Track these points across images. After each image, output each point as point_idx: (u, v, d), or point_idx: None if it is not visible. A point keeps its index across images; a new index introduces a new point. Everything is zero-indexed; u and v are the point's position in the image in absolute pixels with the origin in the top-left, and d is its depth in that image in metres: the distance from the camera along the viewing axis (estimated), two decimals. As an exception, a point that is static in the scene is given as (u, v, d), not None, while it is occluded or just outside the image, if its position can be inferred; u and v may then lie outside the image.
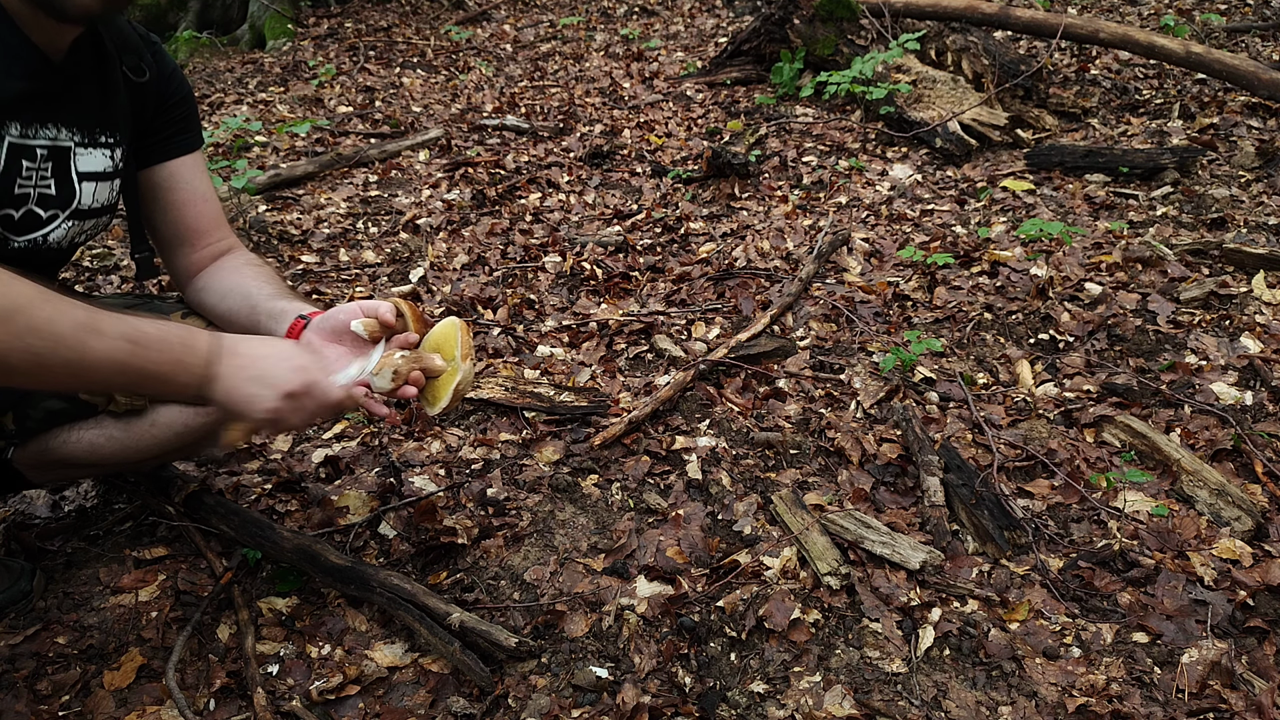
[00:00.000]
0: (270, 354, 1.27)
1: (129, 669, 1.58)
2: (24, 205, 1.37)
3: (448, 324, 1.42)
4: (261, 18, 7.69)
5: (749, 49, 5.25)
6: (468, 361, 1.39)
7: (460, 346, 1.39)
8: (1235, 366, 2.37)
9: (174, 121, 1.60)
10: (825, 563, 1.77)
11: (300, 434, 2.30)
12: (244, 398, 1.24)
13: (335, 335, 1.38)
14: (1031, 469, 2.10)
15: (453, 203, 3.77)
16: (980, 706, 1.51)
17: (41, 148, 1.36)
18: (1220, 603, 1.67)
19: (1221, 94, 4.28)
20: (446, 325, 1.42)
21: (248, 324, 1.51)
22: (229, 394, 1.24)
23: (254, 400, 1.24)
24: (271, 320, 1.46)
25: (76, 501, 2.01)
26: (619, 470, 2.14)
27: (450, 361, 1.39)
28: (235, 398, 1.24)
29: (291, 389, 1.25)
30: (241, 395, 1.24)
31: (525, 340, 2.74)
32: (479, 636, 1.58)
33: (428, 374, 1.39)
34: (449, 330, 1.42)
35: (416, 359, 1.37)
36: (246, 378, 1.24)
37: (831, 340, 2.67)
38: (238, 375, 1.24)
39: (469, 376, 1.39)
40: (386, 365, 1.34)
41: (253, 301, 1.52)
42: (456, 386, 1.37)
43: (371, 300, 1.39)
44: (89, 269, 3.26)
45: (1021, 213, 3.38)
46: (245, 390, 1.24)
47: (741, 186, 3.79)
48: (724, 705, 1.52)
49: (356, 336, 1.37)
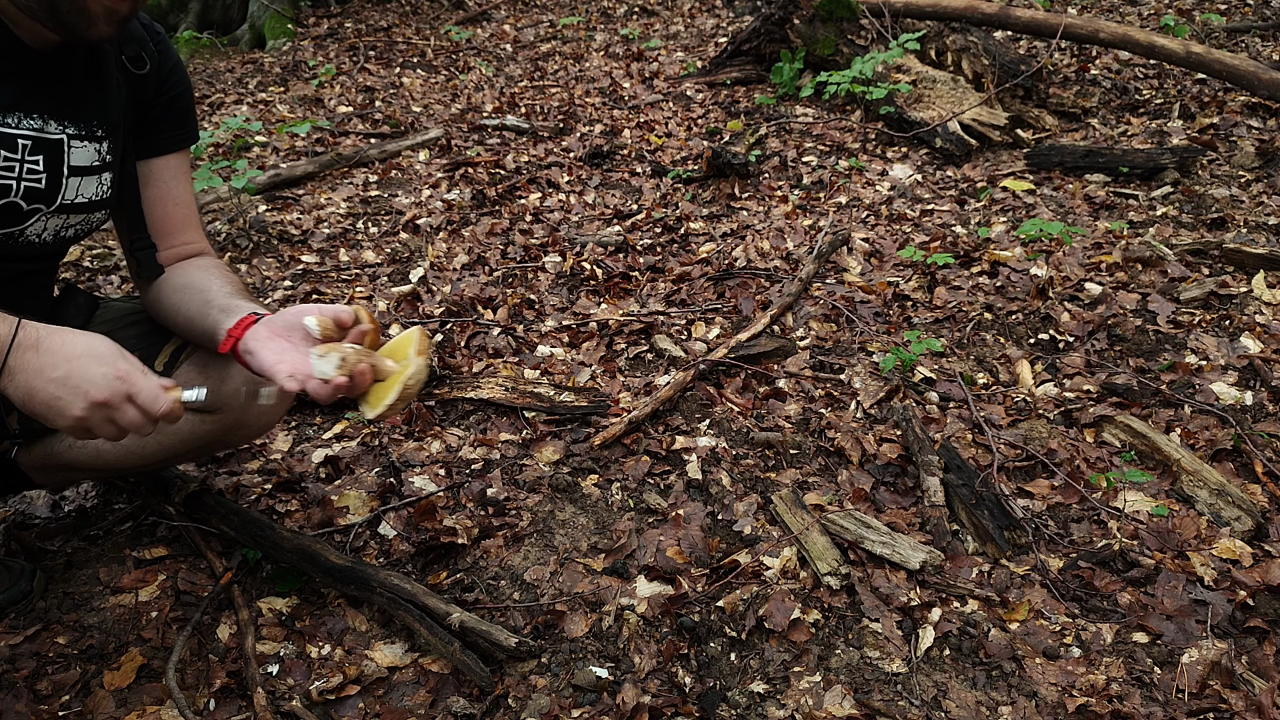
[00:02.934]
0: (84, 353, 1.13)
1: (129, 669, 1.58)
2: (5, 198, 1.31)
3: (404, 334, 1.34)
4: (261, 18, 7.69)
5: (749, 49, 5.25)
6: (422, 358, 1.29)
7: (415, 345, 1.30)
8: (1235, 366, 2.37)
9: (168, 117, 1.56)
10: (825, 563, 1.78)
11: (300, 434, 2.30)
12: (45, 401, 1.11)
13: (286, 331, 1.32)
14: (1031, 469, 2.10)
15: (453, 203, 3.77)
16: (980, 706, 1.51)
17: (25, 139, 1.31)
18: (1220, 603, 1.67)
19: (1221, 94, 4.28)
20: (403, 335, 1.34)
21: (196, 316, 1.45)
22: (27, 395, 1.11)
23: (56, 405, 1.11)
24: (223, 314, 1.40)
25: (76, 501, 2.01)
26: (619, 470, 2.14)
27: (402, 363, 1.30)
28: (35, 400, 1.11)
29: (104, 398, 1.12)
30: (42, 398, 1.11)
31: (525, 340, 2.74)
32: (479, 636, 1.58)
33: (376, 375, 1.29)
34: (405, 338, 1.33)
35: (367, 355, 1.29)
36: (50, 379, 1.11)
37: (831, 340, 2.67)
38: (40, 375, 1.11)
39: (420, 373, 1.29)
40: (334, 350, 1.25)
41: (208, 296, 1.46)
42: (406, 382, 1.27)
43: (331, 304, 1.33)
44: (89, 269, 3.26)
45: (1021, 213, 3.38)
46: (47, 393, 1.11)
47: (741, 186, 3.79)
48: (724, 705, 1.52)
49: (307, 335, 1.30)
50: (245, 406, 1.59)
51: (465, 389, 2.43)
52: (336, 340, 1.31)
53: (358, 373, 1.25)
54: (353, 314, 1.33)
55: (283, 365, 1.27)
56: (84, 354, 1.14)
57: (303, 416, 2.37)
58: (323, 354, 1.25)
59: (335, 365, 1.24)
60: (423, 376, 1.30)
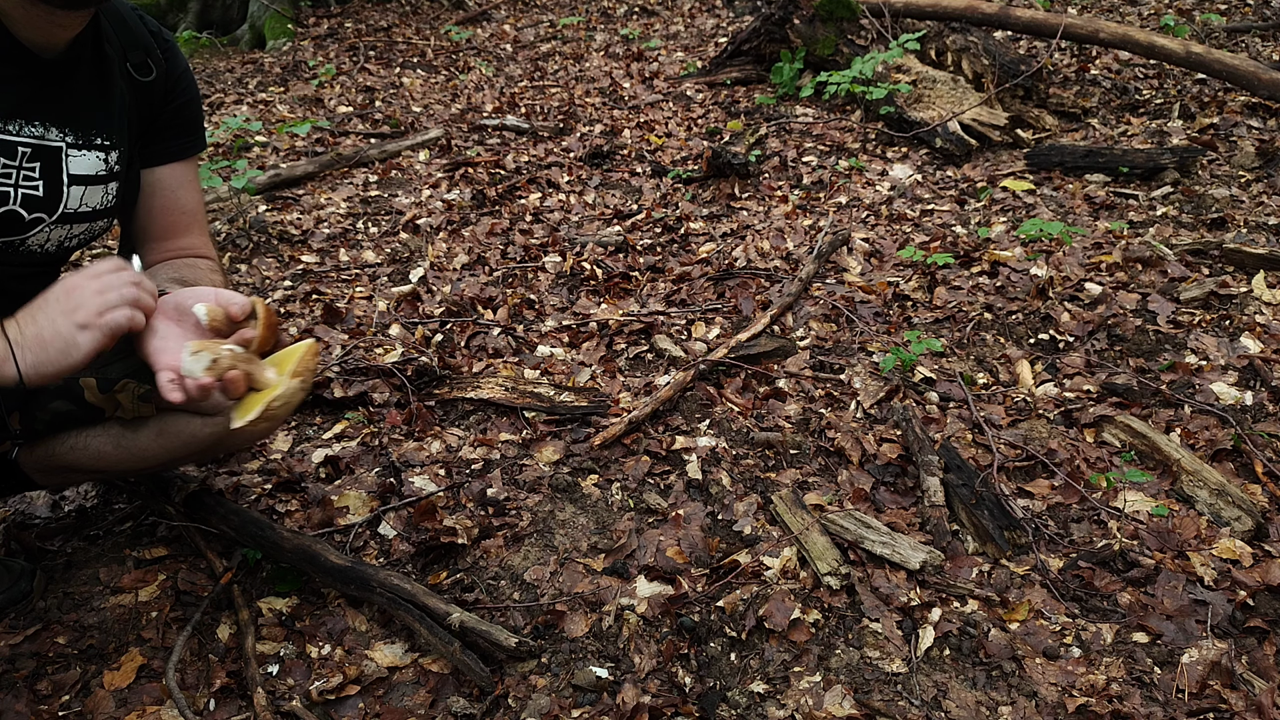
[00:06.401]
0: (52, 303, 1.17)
1: (129, 669, 1.58)
2: (4, 205, 1.31)
3: (301, 344, 1.28)
4: (261, 18, 7.69)
5: (749, 49, 5.25)
6: (296, 380, 1.21)
7: (295, 363, 1.23)
8: (1235, 366, 2.37)
9: (174, 124, 1.55)
10: (825, 563, 1.78)
11: (300, 434, 2.30)
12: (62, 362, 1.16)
13: (177, 313, 1.27)
14: (1031, 469, 2.10)
15: (453, 203, 3.77)
16: (980, 706, 1.51)
17: (24, 146, 1.30)
18: (1220, 603, 1.67)
19: (1221, 94, 4.28)
20: (298, 345, 1.28)
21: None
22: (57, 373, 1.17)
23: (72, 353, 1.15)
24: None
25: (76, 501, 2.01)
26: (619, 470, 2.14)
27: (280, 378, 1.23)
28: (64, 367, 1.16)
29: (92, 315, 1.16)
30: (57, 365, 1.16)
31: (525, 340, 2.74)
32: (479, 636, 1.58)
33: (253, 384, 1.22)
34: (296, 349, 1.27)
35: (246, 359, 1.22)
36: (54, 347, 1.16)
37: (831, 340, 2.67)
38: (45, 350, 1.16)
39: (290, 395, 1.21)
40: (208, 350, 1.18)
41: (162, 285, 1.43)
42: (270, 402, 1.19)
43: (230, 292, 1.28)
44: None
45: (1021, 213, 3.38)
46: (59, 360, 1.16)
47: (741, 186, 3.79)
48: (724, 705, 1.52)
49: (198, 322, 1.25)
50: None
51: (465, 389, 2.43)
52: (225, 333, 1.25)
53: (229, 379, 1.19)
54: (247, 307, 1.27)
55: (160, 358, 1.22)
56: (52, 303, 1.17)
57: (303, 417, 2.37)
58: (195, 351, 1.18)
59: (204, 366, 1.17)
60: (294, 400, 1.22)
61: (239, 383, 1.20)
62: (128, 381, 1.55)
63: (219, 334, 1.25)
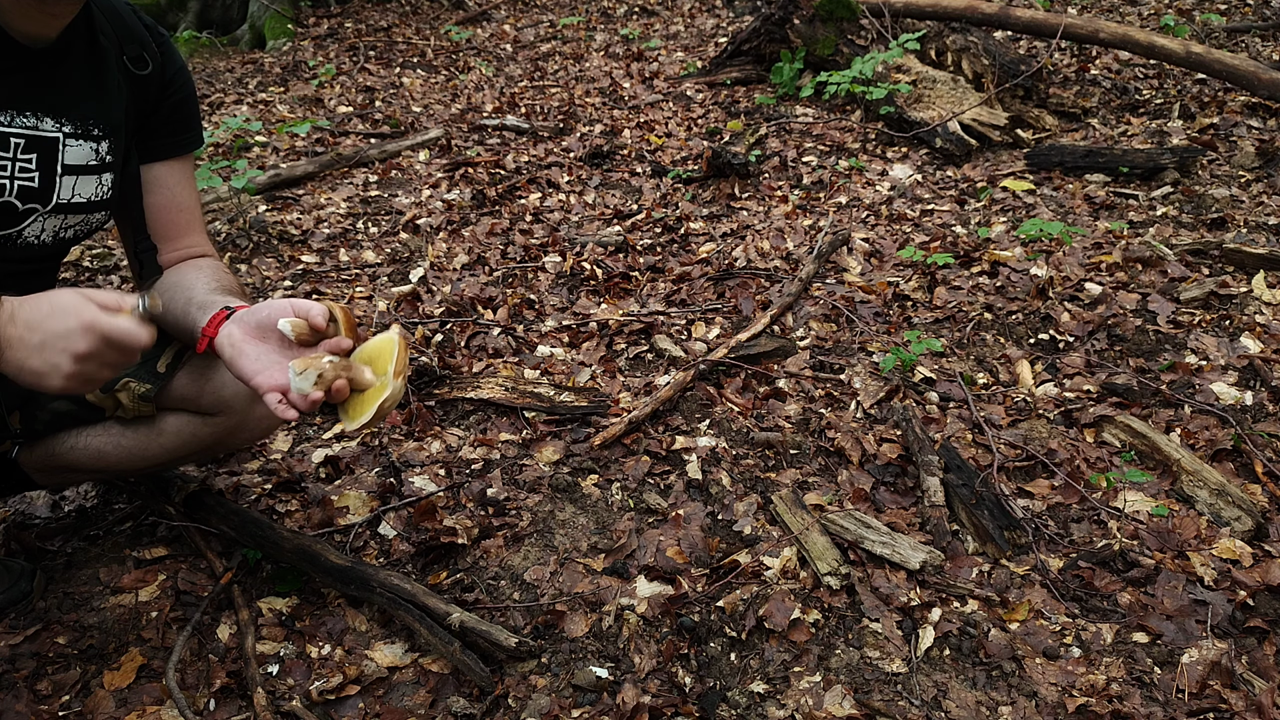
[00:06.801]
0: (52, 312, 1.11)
1: (129, 669, 1.58)
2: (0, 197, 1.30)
3: (385, 338, 1.31)
4: (261, 18, 7.69)
5: (749, 49, 5.25)
6: (400, 379, 1.27)
7: (395, 362, 1.27)
8: (1235, 366, 2.37)
9: (170, 121, 1.55)
10: (825, 563, 1.78)
11: (300, 434, 2.30)
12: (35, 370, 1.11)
13: (260, 331, 1.28)
14: (1031, 469, 2.10)
15: (453, 203, 3.77)
16: (980, 706, 1.51)
17: (17, 137, 1.30)
18: (1220, 603, 1.67)
19: (1221, 94, 4.28)
20: (383, 339, 1.31)
21: (180, 315, 1.43)
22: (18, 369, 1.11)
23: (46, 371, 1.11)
24: (200, 311, 1.37)
25: (76, 501, 2.01)
26: (619, 470, 2.14)
27: (381, 377, 1.28)
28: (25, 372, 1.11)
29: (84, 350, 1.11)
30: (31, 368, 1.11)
31: (525, 340, 2.74)
32: (479, 636, 1.58)
33: (354, 386, 1.27)
34: (385, 345, 1.30)
35: (345, 367, 1.26)
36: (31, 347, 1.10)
37: (831, 340, 2.67)
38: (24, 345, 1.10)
39: (397, 394, 1.27)
40: (312, 367, 1.22)
41: (190, 294, 1.44)
42: (382, 404, 1.25)
43: (304, 300, 1.28)
44: (89, 269, 3.26)
45: (1021, 213, 3.38)
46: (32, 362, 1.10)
47: (741, 186, 3.79)
48: (724, 705, 1.52)
49: (283, 336, 1.27)
50: (246, 410, 1.59)
51: (465, 389, 2.43)
52: (311, 343, 1.28)
53: (335, 389, 1.23)
54: (325, 314, 1.28)
55: (262, 380, 1.24)
56: (51, 312, 1.11)
57: (303, 416, 2.36)
58: (301, 370, 1.22)
59: (313, 382, 1.21)
60: (399, 396, 1.27)
61: (344, 390, 1.24)
62: (128, 381, 1.55)
63: (304, 344, 1.27)
